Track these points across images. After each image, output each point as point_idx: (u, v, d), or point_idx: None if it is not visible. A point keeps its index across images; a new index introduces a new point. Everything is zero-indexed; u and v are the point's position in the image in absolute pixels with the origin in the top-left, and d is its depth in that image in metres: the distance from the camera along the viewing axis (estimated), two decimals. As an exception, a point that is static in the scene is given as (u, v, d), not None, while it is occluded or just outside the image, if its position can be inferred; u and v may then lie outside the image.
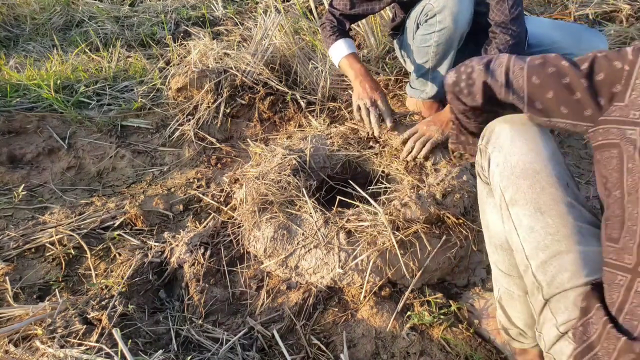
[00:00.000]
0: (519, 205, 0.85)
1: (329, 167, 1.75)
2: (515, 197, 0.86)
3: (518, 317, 1.08)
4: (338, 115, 2.12)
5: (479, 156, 0.99)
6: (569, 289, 0.79)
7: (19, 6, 3.44)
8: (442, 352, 1.20)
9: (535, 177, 0.84)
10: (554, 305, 0.82)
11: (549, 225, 0.81)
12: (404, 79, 2.29)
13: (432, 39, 1.70)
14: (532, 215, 0.83)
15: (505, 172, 0.88)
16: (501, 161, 0.89)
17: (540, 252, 0.82)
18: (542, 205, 0.83)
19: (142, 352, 1.19)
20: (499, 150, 0.90)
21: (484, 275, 1.42)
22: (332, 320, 1.31)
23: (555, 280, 0.81)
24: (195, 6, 3.37)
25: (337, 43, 1.79)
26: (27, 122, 2.10)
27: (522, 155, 0.87)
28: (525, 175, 0.85)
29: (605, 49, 1.84)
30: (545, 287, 0.83)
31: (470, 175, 1.51)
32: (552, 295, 0.82)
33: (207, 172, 1.94)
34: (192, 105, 2.19)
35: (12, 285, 1.42)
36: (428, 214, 1.35)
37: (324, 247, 1.36)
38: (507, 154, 0.89)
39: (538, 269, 0.83)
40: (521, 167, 0.86)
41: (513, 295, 1.05)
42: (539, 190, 0.83)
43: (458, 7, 1.58)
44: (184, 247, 1.48)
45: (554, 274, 0.81)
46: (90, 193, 1.88)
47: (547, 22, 1.95)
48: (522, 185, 0.85)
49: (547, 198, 0.82)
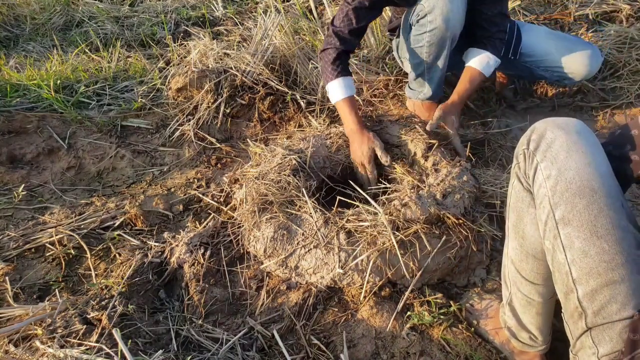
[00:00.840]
0: (572, 226, 0.80)
1: (329, 167, 1.75)
2: (569, 216, 0.80)
3: (532, 322, 1.07)
4: (338, 115, 2.12)
5: (523, 161, 0.92)
6: (616, 320, 0.75)
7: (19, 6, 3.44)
8: (442, 352, 1.19)
9: (593, 196, 0.78)
10: (597, 334, 0.78)
11: (605, 251, 0.76)
12: (404, 79, 2.29)
13: (424, 39, 1.70)
14: (587, 239, 0.78)
15: (559, 187, 0.82)
16: (554, 174, 0.83)
17: (591, 280, 0.77)
18: (600, 229, 0.77)
19: (142, 352, 1.19)
20: (552, 161, 0.84)
21: (484, 276, 1.42)
22: (332, 320, 1.31)
23: (603, 311, 0.76)
24: (195, 6, 3.37)
25: (336, 82, 1.72)
26: (27, 122, 2.10)
27: (579, 171, 0.80)
28: (582, 194, 0.79)
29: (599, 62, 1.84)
30: (590, 316, 0.78)
31: (471, 176, 1.51)
32: (597, 324, 0.77)
33: (207, 172, 1.94)
34: (192, 105, 2.19)
35: (12, 285, 1.42)
36: (428, 214, 1.35)
37: (324, 247, 1.36)
38: (562, 167, 0.82)
39: (585, 296, 0.78)
40: (578, 184, 0.80)
41: (532, 302, 1.03)
42: (596, 212, 0.78)
43: (449, 6, 1.58)
44: (184, 247, 1.48)
45: (603, 303, 0.76)
46: (90, 193, 1.88)
47: (543, 32, 1.95)
48: (578, 205, 0.79)
49: (605, 222, 0.77)
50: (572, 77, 1.88)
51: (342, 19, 1.70)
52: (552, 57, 1.87)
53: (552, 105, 2.21)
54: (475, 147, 1.92)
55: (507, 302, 1.11)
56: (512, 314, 1.11)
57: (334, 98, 1.75)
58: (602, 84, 2.20)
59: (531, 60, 1.92)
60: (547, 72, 1.92)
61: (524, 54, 1.91)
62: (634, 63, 2.18)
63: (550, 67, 1.89)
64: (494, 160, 1.88)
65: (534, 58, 1.90)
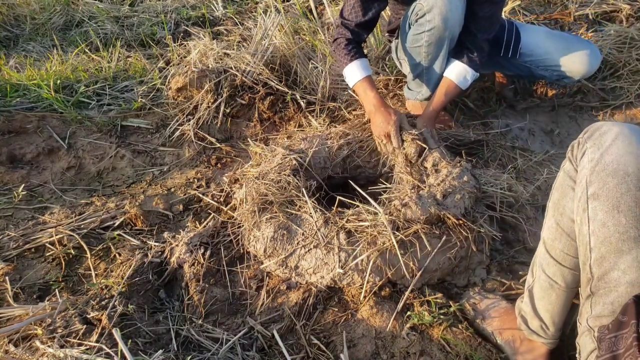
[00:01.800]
0: (599, 200, 0.86)
1: (329, 167, 1.75)
2: (599, 192, 0.87)
3: (547, 310, 1.10)
4: (338, 115, 2.12)
5: (576, 147, 0.99)
6: (613, 287, 0.81)
7: (19, 6, 3.44)
8: (442, 352, 1.19)
9: (625, 178, 0.84)
10: (596, 299, 0.85)
11: (621, 224, 0.82)
12: (403, 79, 2.29)
13: (423, 39, 1.70)
14: (608, 212, 0.84)
15: (597, 168, 0.89)
16: (596, 157, 0.90)
17: (603, 247, 0.84)
18: (622, 204, 0.83)
19: (142, 352, 1.19)
20: (598, 147, 0.91)
21: (484, 276, 1.42)
22: (332, 320, 1.31)
23: (605, 276, 0.83)
24: (195, 6, 3.37)
25: (352, 65, 1.73)
26: (27, 122, 2.10)
27: (618, 156, 0.87)
28: (615, 174, 0.85)
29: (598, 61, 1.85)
30: (595, 279, 0.85)
31: (471, 176, 1.51)
32: (598, 289, 0.84)
33: (207, 172, 1.94)
34: (192, 105, 2.19)
35: (12, 285, 1.42)
36: (428, 215, 1.35)
37: (324, 247, 1.36)
38: (604, 152, 0.89)
39: (595, 261, 0.85)
40: (614, 166, 0.86)
41: (554, 286, 1.06)
42: (623, 191, 0.84)
43: (447, 6, 1.58)
44: (184, 247, 1.48)
45: (607, 269, 0.83)
46: (90, 193, 1.88)
47: (542, 31, 1.95)
48: (609, 183, 0.86)
49: (629, 199, 0.83)
50: (571, 76, 1.88)
51: (349, 10, 1.71)
52: (551, 56, 1.87)
53: (552, 105, 2.21)
54: (475, 147, 1.92)
55: (528, 289, 1.14)
56: (529, 300, 1.13)
57: (352, 80, 1.75)
58: (602, 84, 2.20)
59: (531, 60, 1.92)
60: (546, 71, 1.92)
61: (524, 54, 1.91)
62: (634, 63, 2.18)
63: (550, 67, 1.89)
64: (494, 160, 1.88)
65: (534, 58, 1.91)
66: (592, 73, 1.89)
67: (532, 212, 1.59)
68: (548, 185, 1.66)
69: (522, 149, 1.96)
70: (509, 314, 1.23)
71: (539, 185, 1.68)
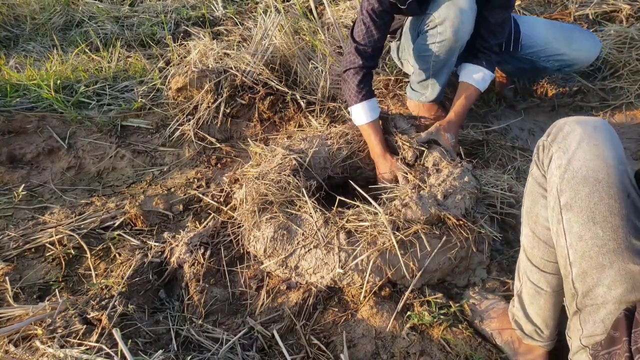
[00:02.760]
0: (573, 211, 0.84)
1: (329, 167, 1.75)
2: (571, 202, 0.85)
3: (537, 314, 1.09)
4: (338, 115, 2.12)
5: (541, 152, 0.97)
6: (600, 304, 0.80)
7: (19, 6, 3.44)
8: (442, 352, 1.19)
9: (596, 185, 0.82)
10: (584, 316, 0.83)
11: (599, 236, 0.80)
12: (404, 78, 2.29)
13: (433, 49, 1.70)
14: (584, 224, 0.82)
15: (566, 175, 0.86)
16: (564, 164, 0.87)
17: (583, 262, 0.82)
18: (597, 215, 0.81)
19: (142, 352, 1.19)
20: (564, 152, 0.88)
21: (484, 276, 1.42)
22: (332, 320, 1.31)
23: (590, 293, 0.81)
24: (195, 6, 3.37)
25: (360, 106, 1.71)
26: (27, 122, 2.10)
27: (586, 162, 0.84)
28: (585, 183, 0.83)
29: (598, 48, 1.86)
30: (580, 297, 0.83)
31: (472, 177, 1.51)
32: (585, 306, 0.83)
33: (207, 172, 1.94)
34: (192, 105, 2.19)
35: (12, 285, 1.42)
36: (428, 215, 1.35)
37: (324, 247, 1.36)
38: (571, 158, 0.86)
39: (577, 277, 0.83)
40: (583, 173, 0.84)
41: (540, 291, 1.05)
42: (596, 200, 0.81)
43: (459, 18, 1.58)
44: (184, 247, 1.48)
45: (591, 285, 0.81)
46: (90, 193, 1.88)
47: (541, 22, 1.96)
48: (581, 192, 0.83)
49: (604, 209, 0.81)
50: (573, 64, 1.89)
51: (363, 33, 1.66)
52: (552, 45, 1.87)
53: (552, 105, 2.20)
54: (475, 147, 1.92)
55: (517, 294, 1.13)
56: (520, 306, 1.13)
57: (358, 121, 1.74)
58: (602, 84, 2.20)
59: (532, 51, 1.92)
60: (548, 62, 1.92)
61: (525, 46, 1.91)
62: (634, 63, 2.17)
63: (551, 56, 1.90)
64: (494, 160, 1.88)
65: (535, 49, 1.91)
66: (592, 60, 1.90)
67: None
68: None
69: (522, 149, 1.96)
70: (507, 315, 1.22)
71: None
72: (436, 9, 1.62)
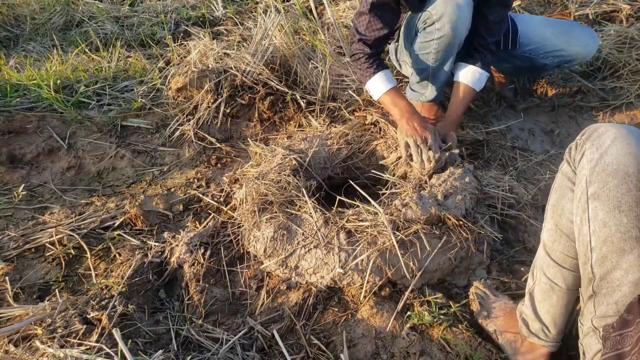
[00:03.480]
0: (600, 200, 0.86)
1: (329, 167, 1.75)
2: (599, 192, 0.87)
3: (548, 312, 1.09)
4: (338, 115, 2.12)
5: (574, 149, 0.99)
6: (616, 287, 0.81)
7: (19, 6, 3.44)
8: (442, 352, 1.19)
9: (625, 178, 0.84)
10: (599, 299, 0.85)
11: (623, 224, 0.82)
12: (403, 79, 2.29)
13: (431, 46, 1.70)
14: (610, 212, 0.84)
15: (597, 168, 0.88)
16: (596, 157, 0.90)
17: (604, 247, 0.84)
18: (623, 204, 0.83)
19: (142, 352, 1.19)
20: (597, 148, 0.91)
21: (485, 276, 1.42)
22: (332, 320, 1.31)
23: (608, 276, 0.83)
24: (195, 6, 3.37)
25: (376, 77, 1.71)
26: (27, 122, 2.10)
27: (618, 157, 0.87)
28: (615, 174, 0.85)
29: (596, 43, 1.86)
30: (597, 280, 0.85)
31: (473, 177, 1.51)
32: (601, 289, 0.85)
33: (207, 172, 1.94)
34: (192, 105, 2.19)
35: (12, 285, 1.42)
36: (429, 215, 1.35)
37: (324, 247, 1.36)
38: (604, 152, 0.89)
39: (597, 261, 0.85)
40: (614, 166, 0.86)
41: (554, 288, 1.06)
42: (624, 191, 0.83)
43: (457, 14, 1.58)
44: (184, 247, 1.48)
45: (609, 269, 0.83)
46: (90, 193, 1.88)
47: (537, 19, 1.96)
48: (610, 183, 0.85)
49: (630, 199, 0.83)
50: (572, 60, 1.88)
51: (365, 26, 1.69)
52: (549, 42, 1.87)
53: (552, 105, 2.21)
54: (475, 147, 1.92)
55: (529, 291, 1.14)
56: (530, 303, 1.13)
57: (377, 93, 1.73)
58: (602, 84, 2.20)
59: (530, 48, 1.91)
60: (547, 58, 1.91)
61: (522, 43, 1.91)
62: (634, 63, 2.18)
63: (549, 52, 1.89)
64: (494, 160, 1.88)
65: (533, 46, 1.90)
66: (591, 55, 1.89)
67: (533, 213, 1.59)
68: (548, 186, 1.66)
69: (522, 149, 1.96)
70: (513, 315, 1.23)
71: (540, 186, 1.68)
72: (433, 6, 1.62)
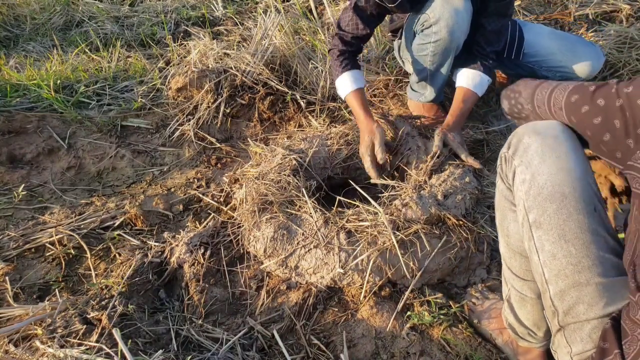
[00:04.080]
0: (543, 229, 0.83)
1: (329, 167, 1.75)
2: (540, 220, 0.84)
3: (527, 318, 1.08)
4: (338, 115, 2.12)
5: (504, 164, 0.95)
6: (584, 320, 0.79)
7: (19, 6, 3.44)
8: (442, 352, 1.19)
9: (563, 201, 0.81)
10: (569, 334, 0.82)
11: (572, 254, 0.80)
12: (404, 79, 2.29)
13: (428, 49, 1.70)
14: (555, 242, 0.82)
15: (532, 191, 0.85)
16: (528, 179, 0.86)
17: (559, 281, 0.82)
18: (567, 232, 0.80)
19: (142, 352, 1.19)
20: (527, 166, 0.87)
21: (484, 276, 1.42)
22: (332, 320, 1.31)
23: (571, 311, 0.81)
24: (195, 6, 3.37)
25: (344, 76, 1.72)
26: (27, 122, 2.10)
27: (551, 176, 0.83)
28: (552, 199, 0.82)
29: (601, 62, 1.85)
30: (561, 314, 0.83)
31: (473, 177, 1.51)
32: (568, 324, 0.82)
33: (207, 172, 1.94)
34: (192, 105, 2.19)
35: (12, 285, 1.42)
36: (429, 215, 1.35)
37: (324, 247, 1.36)
38: (535, 172, 0.85)
39: (556, 295, 0.83)
40: (549, 189, 0.83)
41: (525, 298, 1.05)
42: (565, 217, 0.81)
43: (454, 19, 1.57)
44: (184, 247, 1.48)
45: (571, 304, 0.81)
46: (90, 193, 1.88)
47: (545, 31, 1.94)
48: (548, 209, 0.82)
49: (573, 225, 0.80)
50: (574, 77, 1.88)
51: (347, 22, 1.70)
52: (555, 57, 1.86)
53: (552, 105, 2.20)
54: (475, 147, 1.92)
55: (506, 299, 1.13)
56: (509, 310, 1.13)
57: (343, 92, 1.75)
58: (602, 84, 2.20)
59: (534, 60, 1.91)
60: (549, 72, 1.91)
61: (527, 54, 1.90)
62: (634, 63, 2.17)
63: (553, 67, 1.89)
64: (494, 160, 1.88)
65: (537, 58, 1.90)
66: (594, 74, 1.88)
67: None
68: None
69: (522, 149, 1.96)
70: None
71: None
72: (431, 8, 1.62)
